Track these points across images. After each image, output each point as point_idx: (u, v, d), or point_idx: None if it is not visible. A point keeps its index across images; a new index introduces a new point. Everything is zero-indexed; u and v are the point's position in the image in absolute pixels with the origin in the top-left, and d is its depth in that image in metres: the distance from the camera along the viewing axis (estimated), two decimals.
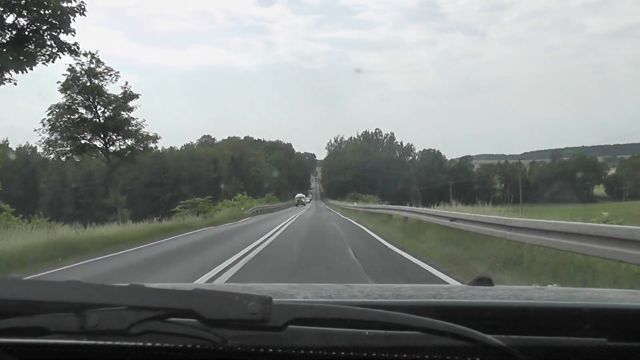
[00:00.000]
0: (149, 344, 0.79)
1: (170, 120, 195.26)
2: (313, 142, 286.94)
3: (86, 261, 10.72)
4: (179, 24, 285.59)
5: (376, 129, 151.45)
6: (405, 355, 0.79)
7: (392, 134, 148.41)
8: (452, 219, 10.69)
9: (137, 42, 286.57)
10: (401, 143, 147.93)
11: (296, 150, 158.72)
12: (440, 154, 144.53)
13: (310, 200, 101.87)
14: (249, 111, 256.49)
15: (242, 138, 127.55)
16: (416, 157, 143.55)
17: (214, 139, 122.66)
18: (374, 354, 0.79)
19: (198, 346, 0.78)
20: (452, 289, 1.29)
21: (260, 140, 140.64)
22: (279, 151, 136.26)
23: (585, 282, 5.40)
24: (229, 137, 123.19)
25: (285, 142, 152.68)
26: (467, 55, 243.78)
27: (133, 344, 0.79)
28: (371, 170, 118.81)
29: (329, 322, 0.79)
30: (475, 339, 0.77)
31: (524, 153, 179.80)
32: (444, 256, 8.86)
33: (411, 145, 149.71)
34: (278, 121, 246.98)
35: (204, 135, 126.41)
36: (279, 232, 16.51)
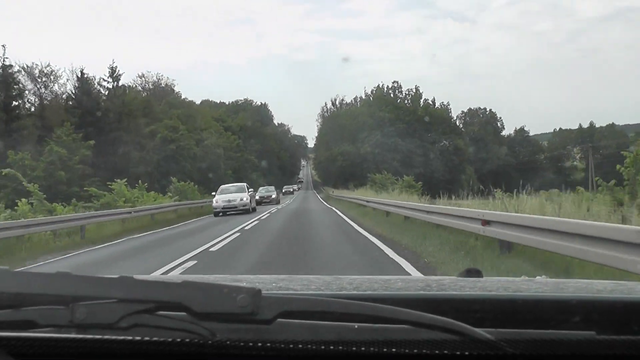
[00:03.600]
0: (138, 337, 0.79)
1: None
2: (303, 131, 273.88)
3: None
4: None
5: (394, 82, 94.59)
6: (394, 349, 0.79)
7: (417, 88, 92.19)
8: None
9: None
10: (432, 101, 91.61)
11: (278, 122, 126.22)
12: (495, 116, 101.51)
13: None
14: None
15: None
16: (457, 122, 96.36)
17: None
18: (362, 348, 0.79)
19: (187, 340, 0.78)
20: (441, 280, 1.30)
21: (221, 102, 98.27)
22: (245, 112, 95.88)
23: None
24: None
25: (257, 102, 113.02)
26: (458, 42, 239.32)
27: (122, 337, 0.79)
28: (404, 134, 75.12)
29: (318, 315, 0.80)
30: (463, 332, 0.77)
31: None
32: None
33: (447, 105, 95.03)
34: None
35: None
36: None
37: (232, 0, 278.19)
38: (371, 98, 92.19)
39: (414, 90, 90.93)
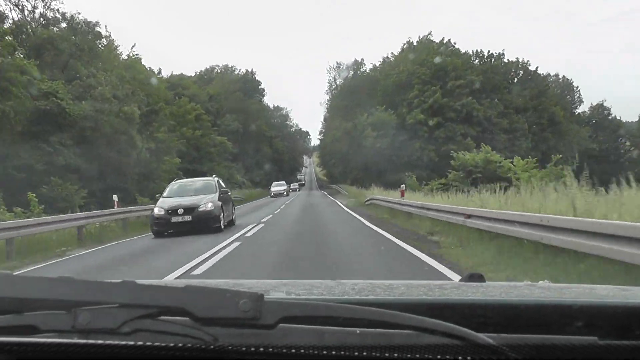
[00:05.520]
0: (140, 342, 0.79)
1: None
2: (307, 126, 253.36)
3: None
4: None
5: (429, 32, 71.82)
6: (396, 354, 0.79)
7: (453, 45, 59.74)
8: None
9: None
10: (499, 57, 61.21)
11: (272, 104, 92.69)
12: (572, 85, 73.53)
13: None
14: None
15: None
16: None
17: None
18: (364, 353, 0.79)
19: (189, 345, 0.79)
20: (443, 285, 1.31)
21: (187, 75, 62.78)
22: (221, 81, 69.85)
23: None
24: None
25: (242, 71, 78.68)
26: None
27: (124, 343, 0.79)
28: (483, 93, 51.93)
29: (320, 320, 0.80)
30: (465, 337, 0.77)
31: None
32: None
33: (526, 63, 62.50)
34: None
35: None
36: None
37: None
38: (392, 60, 61.98)
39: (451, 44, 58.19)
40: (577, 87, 76.16)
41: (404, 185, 18.72)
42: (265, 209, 25.71)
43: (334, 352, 0.79)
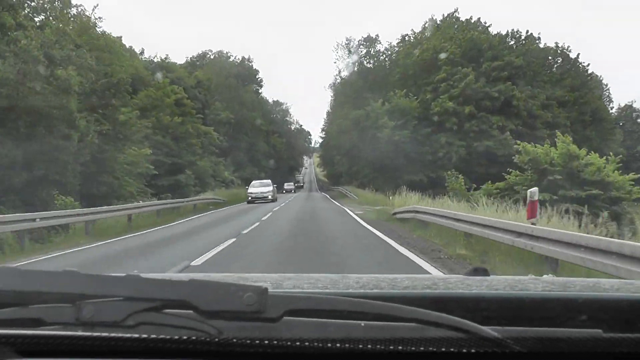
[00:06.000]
0: (145, 335, 0.79)
1: None
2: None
3: None
4: None
5: (455, 9, 53.02)
6: (400, 347, 0.79)
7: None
8: None
9: None
10: (536, 40, 49.81)
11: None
12: (601, 83, 61.52)
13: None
14: None
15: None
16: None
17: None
18: (369, 346, 0.80)
19: (194, 337, 0.79)
20: (448, 279, 1.31)
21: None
22: (213, 68, 59.97)
23: None
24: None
25: (238, 58, 69.37)
26: None
27: (129, 335, 0.79)
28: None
29: (324, 313, 0.80)
30: (470, 330, 0.78)
31: None
32: None
33: (566, 49, 51.57)
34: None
35: None
36: None
37: None
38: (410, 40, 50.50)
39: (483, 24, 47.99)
40: (607, 85, 66.46)
41: (533, 191, 8.31)
42: (241, 220, 17.92)
43: (338, 345, 0.79)
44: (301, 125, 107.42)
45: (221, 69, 61.23)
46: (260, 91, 74.49)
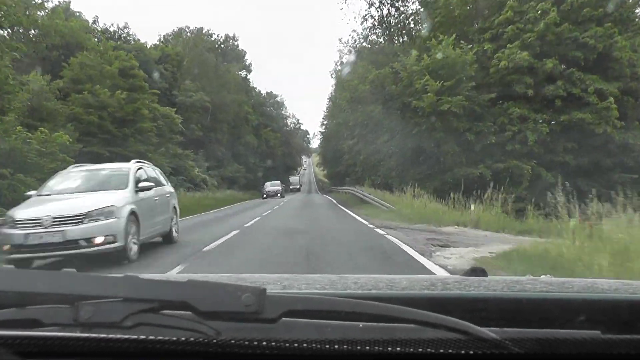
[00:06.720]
0: (143, 336, 0.79)
1: None
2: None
3: None
4: None
5: None
6: (398, 348, 0.79)
7: None
8: None
9: None
10: None
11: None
12: None
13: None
14: None
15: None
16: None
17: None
18: (367, 347, 0.79)
19: (192, 339, 0.78)
20: (446, 280, 1.29)
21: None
22: (187, 43, 49.69)
23: None
24: None
25: (221, 36, 61.05)
26: None
27: (127, 336, 0.79)
28: None
29: (323, 314, 0.80)
30: (468, 331, 0.77)
31: None
32: None
33: None
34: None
35: None
36: None
37: None
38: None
39: None
40: None
41: None
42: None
43: (336, 347, 0.79)
44: (298, 120, 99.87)
45: (196, 42, 50.40)
46: (248, 77, 63.61)
